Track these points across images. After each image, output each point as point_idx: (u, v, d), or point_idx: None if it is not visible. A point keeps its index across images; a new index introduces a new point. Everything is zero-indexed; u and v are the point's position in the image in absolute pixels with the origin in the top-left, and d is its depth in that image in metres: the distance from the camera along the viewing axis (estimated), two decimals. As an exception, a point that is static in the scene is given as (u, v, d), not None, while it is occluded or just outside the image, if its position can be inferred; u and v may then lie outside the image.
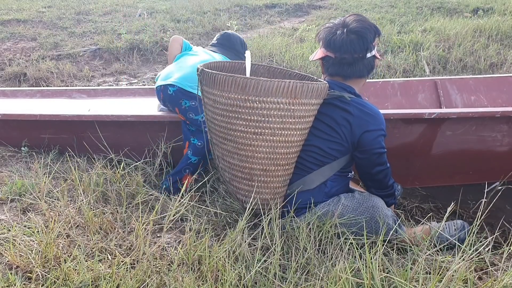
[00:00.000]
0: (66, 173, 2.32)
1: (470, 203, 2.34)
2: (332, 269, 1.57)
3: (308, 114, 1.78)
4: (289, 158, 1.83)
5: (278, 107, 1.70)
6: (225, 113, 1.77)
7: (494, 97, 3.26)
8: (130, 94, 3.23)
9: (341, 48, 1.86)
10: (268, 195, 1.86)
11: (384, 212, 1.88)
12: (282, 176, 1.86)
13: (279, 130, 1.75)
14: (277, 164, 1.81)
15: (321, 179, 1.88)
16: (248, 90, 1.69)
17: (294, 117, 1.74)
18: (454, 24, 5.43)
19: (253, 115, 1.72)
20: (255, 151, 1.78)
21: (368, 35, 1.85)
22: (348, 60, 1.88)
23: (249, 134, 1.76)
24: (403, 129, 2.32)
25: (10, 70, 4.65)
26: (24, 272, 1.55)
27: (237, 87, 1.69)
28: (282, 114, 1.72)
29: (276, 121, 1.73)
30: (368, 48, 1.86)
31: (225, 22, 6.26)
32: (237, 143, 1.80)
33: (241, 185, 1.90)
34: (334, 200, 1.89)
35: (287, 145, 1.79)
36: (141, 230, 1.72)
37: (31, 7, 7.13)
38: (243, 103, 1.71)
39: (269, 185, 1.85)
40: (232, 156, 1.85)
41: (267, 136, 1.75)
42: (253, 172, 1.83)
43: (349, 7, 7.03)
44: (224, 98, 1.73)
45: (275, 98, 1.69)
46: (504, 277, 1.51)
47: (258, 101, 1.70)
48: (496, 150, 2.42)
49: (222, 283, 1.53)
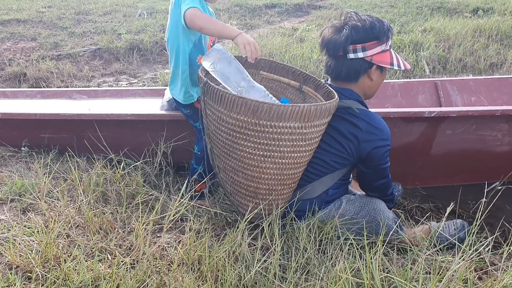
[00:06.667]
0: (66, 173, 2.32)
1: (470, 203, 2.34)
2: (332, 269, 1.57)
3: (319, 134, 1.74)
4: (295, 177, 1.80)
5: (290, 131, 1.63)
6: (231, 132, 1.68)
7: (495, 98, 3.26)
8: (130, 95, 3.23)
9: (327, 45, 1.80)
10: (270, 210, 1.84)
11: (386, 214, 1.87)
12: (287, 194, 1.84)
13: (289, 153, 1.69)
14: (283, 184, 1.78)
15: (322, 188, 1.86)
16: (259, 114, 1.59)
17: (306, 140, 1.68)
18: (454, 24, 5.43)
19: (263, 138, 1.65)
20: (262, 172, 1.73)
21: (354, 33, 1.74)
22: (331, 60, 1.82)
23: (257, 156, 1.69)
24: (403, 128, 2.31)
25: (10, 70, 4.65)
26: (24, 272, 1.55)
27: (248, 110, 1.59)
28: (293, 138, 1.65)
29: (287, 145, 1.67)
30: (344, 48, 1.74)
31: (225, 22, 6.26)
32: (243, 163, 1.73)
33: (244, 200, 1.86)
34: (336, 204, 1.88)
35: (296, 166, 1.74)
36: (141, 230, 1.72)
37: (31, 7, 7.12)
38: (253, 127, 1.62)
39: (273, 203, 1.82)
40: (236, 173, 1.79)
41: (276, 158, 1.69)
42: (259, 191, 1.78)
43: (349, 7, 7.03)
44: (231, 118, 1.64)
45: (287, 123, 1.61)
46: (504, 277, 1.51)
47: (269, 126, 1.61)
48: (496, 149, 2.41)
49: (222, 283, 1.53)
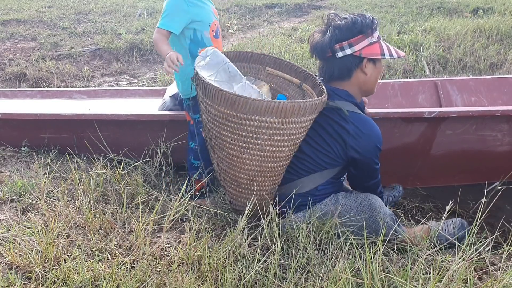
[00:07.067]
0: (66, 173, 2.32)
1: (470, 203, 2.34)
2: (332, 269, 1.57)
3: (299, 131, 1.75)
4: (276, 171, 1.83)
5: (267, 125, 1.67)
6: (216, 123, 1.75)
7: (495, 98, 3.26)
8: (130, 95, 3.23)
9: (315, 49, 1.85)
10: (256, 200, 1.87)
11: (383, 210, 1.88)
12: (269, 185, 1.87)
13: (267, 147, 1.73)
14: (263, 176, 1.82)
15: (311, 185, 1.89)
16: (236, 107, 1.65)
17: (284, 135, 1.72)
18: (454, 24, 5.43)
19: (241, 130, 1.70)
20: (243, 163, 1.78)
21: (338, 32, 1.79)
22: (323, 63, 1.88)
23: (237, 147, 1.75)
24: (403, 129, 2.31)
25: (10, 70, 4.65)
26: (24, 272, 1.55)
27: (226, 102, 1.65)
28: (271, 132, 1.69)
29: (264, 138, 1.71)
30: (331, 48, 1.79)
31: (225, 22, 6.25)
32: (226, 152, 1.80)
33: (229, 188, 1.93)
34: (332, 199, 1.89)
35: (275, 159, 1.78)
36: (141, 230, 1.72)
37: (31, 7, 7.12)
38: (232, 118, 1.68)
39: (256, 193, 1.86)
40: (222, 162, 1.86)
41: (254, 151, 1.74)
42: (240, 180, 1.84)
43: (349, 7, 7.03)
44: (214, 109, 1.71)
45: (264, 117, 1.65)
46: (504, 277, 1.51)
47: (246, 118, 1.67)
48: (496, 149, 2.41)
49: (222, 283, 1.53)
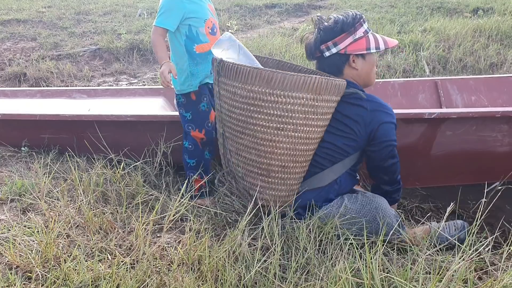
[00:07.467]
0: (66, 173, 2.32)
1: (470, 203, 2.33)
2: (332, 269, 1.57)
3: (329, 111, 1.80)
4: (307, 155, 1.83)
5: (302, 102, 1.69)
6: (245, 106, 1.74)
7: (495, 97, 3.26)
8: (130, 94, 3.23)
9: (306, 51, 1.96)
10: (284, 192, 1.85)
11: (388, 212, 1.88)
12: (299, 173, 1.85)
13: (301, 126, 1.74)
14: (296, 161, 1.80)
15: (332, 177, 1.89)
16: (273, 84, 1.67)
17: (317, 114, 1.74)
18: (454, 24, 5.43)
19: (276, 109, 1.70)
20: (275, 147, 1.76)
21: (322, 33, 1.87)
22: (316, 63, 1.96)
23: (270, 129, 1.74)
24: (403, 129, 2.31)
25: (10, 70, 4.65)
26: (24, 272, 1.55)
27: (262, 80, 1.67)
28: (305, 110, 1.71)
29: (299, 117, 1.72)
30: (318, 49, 1.88)
31: (225, 22, 6.25)
32: (256, 138, 1.77)
33: (256, 181, 1.86)
34: (338, 202, 1.88)
35: (308, 141, 1.79)
36: (141, 230, 1.72)
37: (31, 7, 7.12)
38: (267, 97, 1.69)
39: (286, 182, 1.83)
40: (249, 151, 1.82)
41: (289, 132, 1.74)
42: (271, 168, 1.81)
43: (349, 7, 7.02)
44: (246, 91, 1.71)
45: (300, 93, 1.68)
46: (504, 277, 1.51)
47: (282, 95, 1.68)
48: (496, 150, 2.41)
49: (222, 283, 1.53)
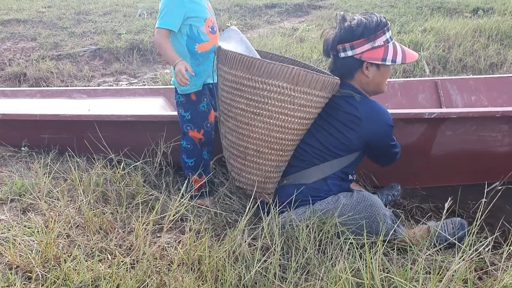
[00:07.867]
0: (66, 173, 2.32)
1: (470, 203, 2.33)
2: (332, 269, 1.57)
3: (310, 104, 1.79)
4: (284, 144, 1.85)
5: (278, 90, 1.74)
6: (231, 90, 1.82)
7: (495, 97, 3.26)
8: (130, 94, 3.23)
9: (324, 46, 1.95)
10: (259, 177, 1.89)
11: (382, 211, 1.88)
12: (275, 161, 1.88)
13: (276, 114, 1.78)
14: (270, 147, 1.84)
15: (320, 175, 1.89)
16: (252, 70, 1.73)
17: (294, 104, 1.77)
18: (454, 24, 5.43)
19: (254, 95, 1.77)
20: (251, 131, 1.83)
21: (343, 33, 1.85)
22: (331, 59, 1.95)
23: (248, 113, 1.80)
24: (403, 129, 2.31)
25: (10, 70, 4.66)
26: (24, 272, 1.55)
27: (243, 65, 1.74)
28: (282, 98, 1.75)
29: (275, 104, 1.76)
30: (334, 47, 1.87)
31: (225, 22, 6.25)
32: (236, 121, 1.85)
33: (235, 163, 1.94)
34: (333, 198, 1.89)
35: (283, 130, 1.82)
36: (141, 230, 1.72)
37: (31, 7, 7.12)
38: (247, 82, 1.76)
39: (261, 167, 1.88)
40: (231, 134, 1.90)
41: (264, 117, 1.79)
42: (247, 151, 1.87)
43: (349, 7, 7.03)
44: (231, 75, 1.80)
45: (276, 81, 1.72)
46: (504, 277, 1.51)
47: (260, 82, 1.74)
48: (496, 150, 2.41)
49: (222, 283, 1.53)
